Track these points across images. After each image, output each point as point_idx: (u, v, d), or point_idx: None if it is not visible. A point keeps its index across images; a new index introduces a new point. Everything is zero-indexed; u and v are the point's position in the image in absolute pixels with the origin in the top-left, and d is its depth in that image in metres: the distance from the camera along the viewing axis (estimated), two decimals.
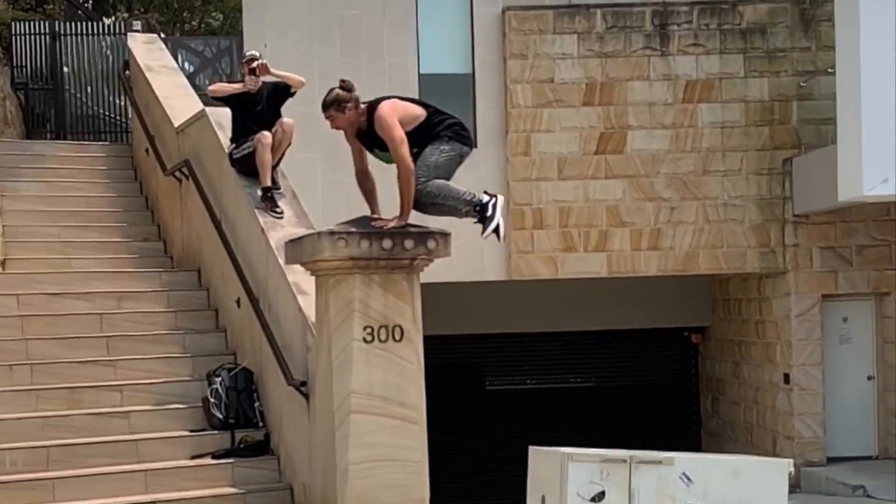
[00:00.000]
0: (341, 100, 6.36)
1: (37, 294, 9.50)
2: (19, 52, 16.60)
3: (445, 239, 6.25)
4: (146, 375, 8.75)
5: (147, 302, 9.68)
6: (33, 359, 8.69)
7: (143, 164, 12.15)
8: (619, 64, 13.74)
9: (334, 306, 6.16)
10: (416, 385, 6.26)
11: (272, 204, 8.49)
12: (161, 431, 8.21)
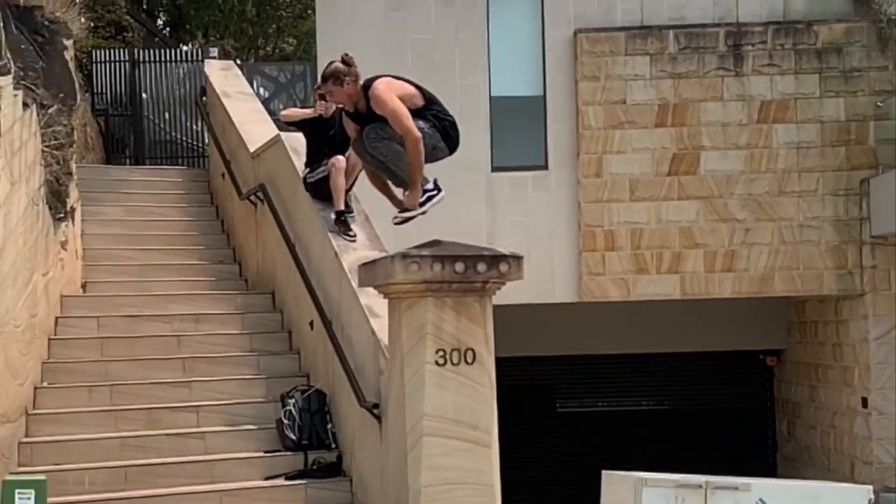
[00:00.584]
0: (340, 73, 6.27)
1: (116, 316, 9.69)
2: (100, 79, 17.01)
3: (518, 262, 6.24)
4: (221, 397, 8.86)
5: (223, 324, 9.82)
6: (112, 380, 8.85)
7: (220, 188, 12.35)
8: (692, 85, 13.65)
9: (407, 329, 6.18)
10: (489, 408, 6.24)
11: (345, 227, 8.57)
12: (236, 452, 8.29)
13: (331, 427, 8.42)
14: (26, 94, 8.09)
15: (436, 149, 6.44)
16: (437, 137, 6.38)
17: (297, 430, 8.35)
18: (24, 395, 8.15)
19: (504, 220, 13.60)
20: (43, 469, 7.37)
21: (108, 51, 17.24)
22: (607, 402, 16.32)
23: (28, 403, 8.33)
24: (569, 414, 16.33)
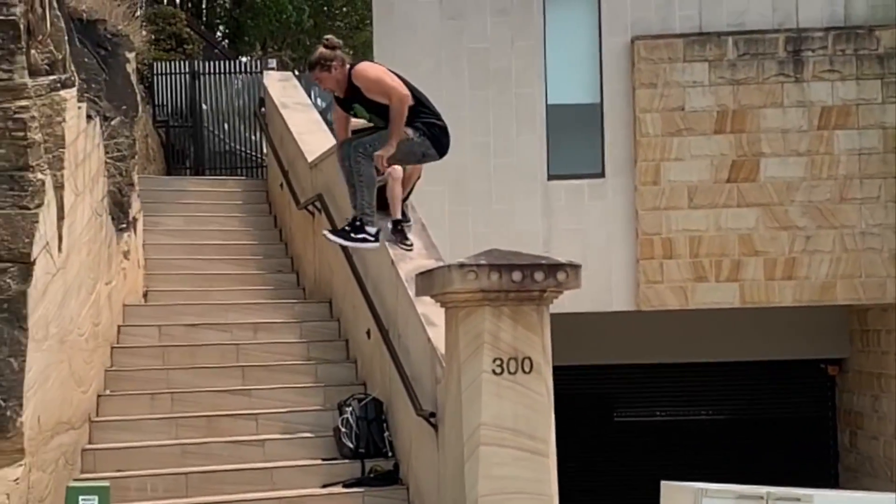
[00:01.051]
0: (325, 58, 6.23)
1: (177, 325, 9.81)
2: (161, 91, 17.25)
3: (576, 271, 6.22)
4: (280, 404, 8.93)
5: (281, 333, 9.90)
6: (173, 387, 8.95)
7: (278, 198, 12.46)
8: (752, 91, 13.53)
9: (464, 338, 6.18)
10: (546, 417, 6.21)
11: (402, 236, 8.60)
12: (294, 460, 8.34)
13: (387, 435, 8.44)
14: (90, 106, 8.23)
15: (425, 156, 6.46)
16: (426, 145, 6.38)
17: (354, 439, 8.39)
18: (87, 402, 8.27)
19: (560, 228, 13.57)
20: (106, 475, 7.47)
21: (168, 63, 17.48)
22: (665, 412, 16.17)
23: (91, 411, 8.45)
24: (626, 424, 16.21)
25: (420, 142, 6.31)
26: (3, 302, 6.18)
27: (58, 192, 6.86)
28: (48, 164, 6.62)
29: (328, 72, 6.19)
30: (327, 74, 6.20)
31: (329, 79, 6.22)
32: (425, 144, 6.33)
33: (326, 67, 6.19)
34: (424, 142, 6.32)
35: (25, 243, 6.30)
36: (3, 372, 6.12)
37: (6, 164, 6.37)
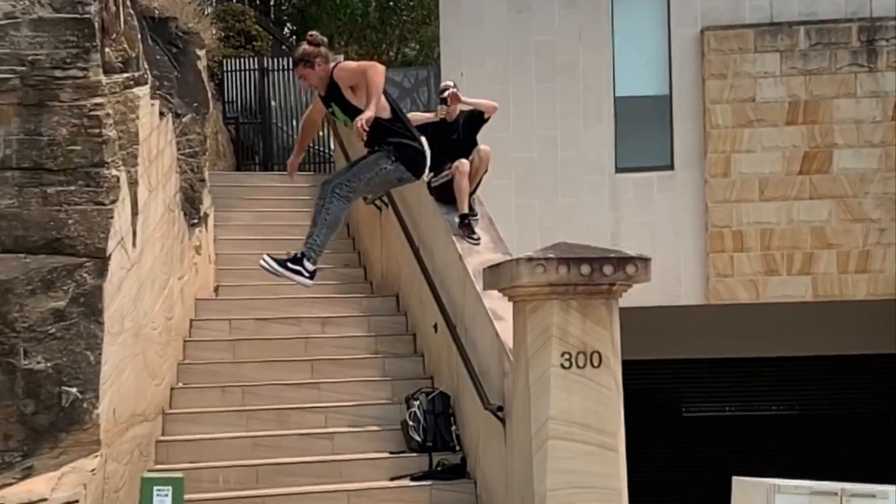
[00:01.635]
0: (308, 55, 6.14)
1: (247, 319, 9.93)
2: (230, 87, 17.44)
3: (645, 264, 6.16)
4: (348, 398, 8.99)
5: (348, 327, 9.97)
6: (244, 381, 9.07)
7: None
8: (824, 81, 13.29)
9: (532, 332, 6.16)
10: (615, 412, 6.17)
11: (469, 230, 8.60)
12: (362, 453, 8.40)
13: (455, 429, 8.45)
14: (162, 103, 8.36)
15: (401, 180, 6.38)
16: (400, 170, 6.28)
17: (421, 432, 8.42)
18: (161, 395, 8.42)
19: (628, 221, 13.47)
20: (179, 467, 7.59)
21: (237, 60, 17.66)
22: (735, 407, 16.00)
23: (165, 403, 8.60)
24: (695, 419, 16.06)
25: (393, 168, 6.23)
26: (80, 296, 6.31)
27: (132, 188, 6.99)
28: (123, 160, 6.75)
29: (311, 68, 6.12)
30: (310, 71, 6.13)
31: (312, 75, 6.15)
32: (399, 170, 6.25)
33: (310, 64, 6.12)
34: (398, 167, 6.24)
35: (101, 238, 6.43)
36: (80, 365, 6.26)
37: (82, 161, 6.50)
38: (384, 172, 6.16)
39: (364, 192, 6.28)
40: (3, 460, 6.12)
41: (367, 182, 6.20)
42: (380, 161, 6.15)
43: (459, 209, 8.66)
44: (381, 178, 6.21)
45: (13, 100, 6.48)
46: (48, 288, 6.27)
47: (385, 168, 6.14)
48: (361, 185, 6.18)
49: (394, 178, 6.26)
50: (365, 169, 6.16)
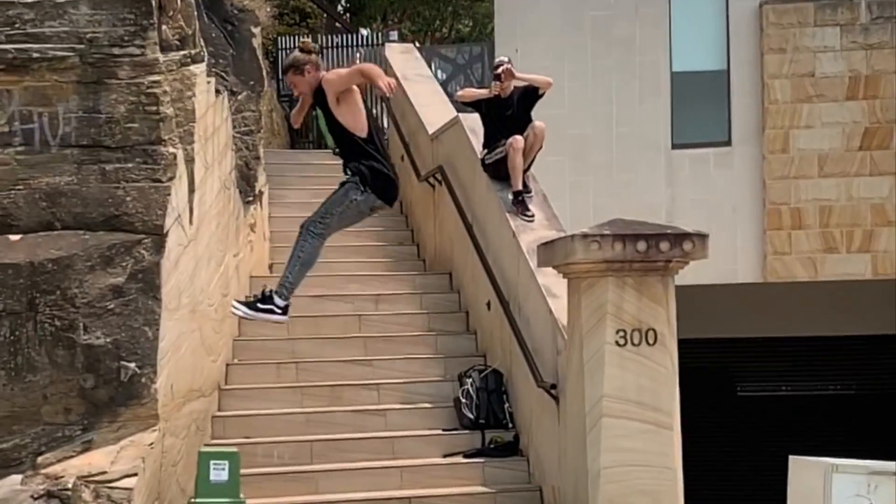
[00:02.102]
0: (299, 62, 6.08)
1: (301, 296, 9.96)
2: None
3: (703, 240, 6.09)
4: (401, 375, 9.02)
5: (402, 304, 9.99)
6: (298, 357, 9.13)
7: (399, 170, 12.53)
8: (886, 56, 13.02)
9: (586, 309, 6.13)
10: (670, 390, 6.13)
11: (523, 207, 8.56)
12: (415, 430, 8.43)
13: (508, 407, 8.45)
14: (218, 81, 8.41)
15: (374, 209, 6.29)
16: (371, 199, 6.18)
17: (474, 409, 8.42)
18: (217, 371, 8.50)
19: (684, 198, 13.34)
20: (234, 442, 7.67)
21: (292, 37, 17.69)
22: (791, 387, 15.82)
23: (221, 379, 8.69)
24: (750, 398, 15.90)
25: (363, 199, 6.16)
26: (138, 272, 6.39)
27: (189, 165, 7.05)
28: (179, 137, 6.81)
29: (301, 75, 6.08)
30: (301, 78, 6.09)
31: (302, 82, 6.11)
32: (370, 199, 6.17)
33: (300, 71, 6.08)
34: (368, 197, 6.16)
35: (158, 215, 6.50)
36: (138, 340, 6.34)
37: (140, 139, 6.57)
38: (355, 204, 6.13)
39: (338, 227, 6.29)
40: (63, 434, 6.23)
41: (339, 216, 6.19)
42: (349, 194, 6.12)
43: (513, 186, 8.61)
44: (353, 209, 6.18)
45: (72, 77, 6.57)
46: (107, 264, 6.35)
47: (355, 200, 6.11)
48: (334, 220, 6.18)
49: (365, 208, 6.22)
50: (336, 204, 6.15)
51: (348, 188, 6.10)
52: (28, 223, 6.46)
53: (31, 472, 6.06)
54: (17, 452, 6.17)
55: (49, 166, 6.49)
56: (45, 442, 6.21)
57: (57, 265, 6.28)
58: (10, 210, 6.45)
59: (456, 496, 7.71)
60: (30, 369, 6.19)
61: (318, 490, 7.70)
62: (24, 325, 6.20)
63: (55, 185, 6.48)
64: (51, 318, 6.24)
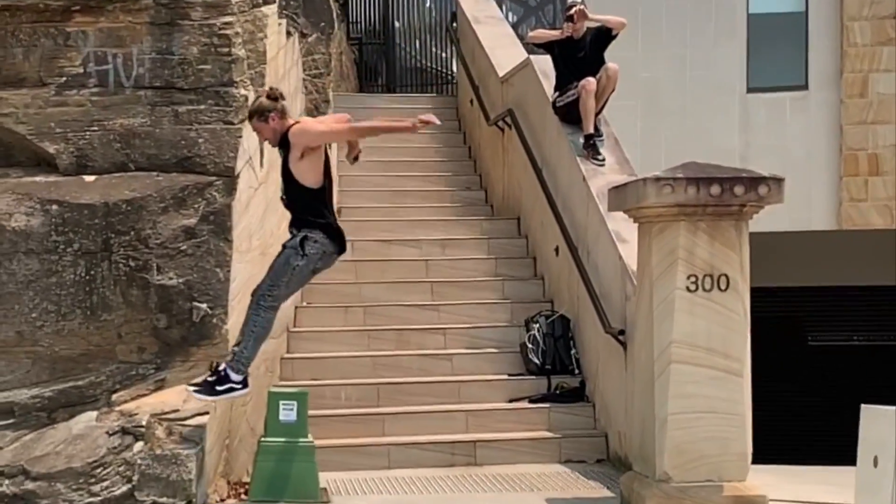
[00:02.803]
0: (263, 109, 5.94)
1: (369, 240, 10.03)
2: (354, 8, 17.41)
3: (778, 185, 5.96)
4: (467, 320, 9.04)
5: (469, 249, 9.99)
6: (366, 301, 9.20)
7: (467, 114, 12.47)
8: None
9: (657, 254, 6.05)
10: (741, 336, 6.05)
11: (594, 151, 8.46)
12: (481, 374, 8.47)
13: (574, 353, 8.43)
14: (289, 23, 8.40)
15: (315, 271, 6.11)
16: (314, 260, 6.00)
17: (540, 355, 8.42)
18: (286, 313, 8.59)
19: (758, 144, 13.09)
20: (302, 383, 7.76)
21: None
22: (864, 337, 15.55)
23: (289, 321, 8.79)
24: (821, 348, 15.67)
25: (305, 263, 5.97)
26: (210, 214, 6.45)
27: None
28: (251, 79, 6.82)
29: (266, 122, 5.95)
30: (265, 125, 5.97)
31: (266, 129, 5.98)
32: (312, 261, 5.99)
33: (264, 118, 5.95)
34: (310, 260, 5.97)
35: (230, 157, 6.54)
36: (209, 281, 6.42)
37: (212, 80, 6.59)
38: (298, 270, 5.98)
39: (288, 294, 6.15)
40: (137, 372, 6.35)
41: (286, 285, 6.03)
42: (290, 261, 5.96)
43: (584, 129, 8.51)
44: (298, 275, 6.03)
45: (145, 19, 6.60)
46: (180, 206, 6.42)
47: (297, 265, 5.97)
48: (282, 290, 6.03)
49: (308, 270, 6.06)
50: (280, 274, 6.00)
51: (288, 256, 5.95)
52: (103, 164, 6.54)
53: (106, 409, 6.19)
54: (92, 390, 6.30)
55: (123, 108, 6.55)
56: (120, 380, 6.33)
57: (131, 206, 6.36)
58: (86, 151, 6.53)
59: (521, 441, 7.76)
60: (105, 308, 6.30)
61: (384, 432, 7.79)
62: (98, 265, 6.30)
63: (129, 127, 6.54)
64: (125, 258, 6.33)
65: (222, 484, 6.52)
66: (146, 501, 5.74)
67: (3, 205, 6.33)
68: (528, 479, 7.20)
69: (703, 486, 5.96)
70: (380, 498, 6.72)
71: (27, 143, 6.56)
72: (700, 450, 5.99)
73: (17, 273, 6.28)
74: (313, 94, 9.51)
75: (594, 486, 7.04)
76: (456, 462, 7.58)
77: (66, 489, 5.72)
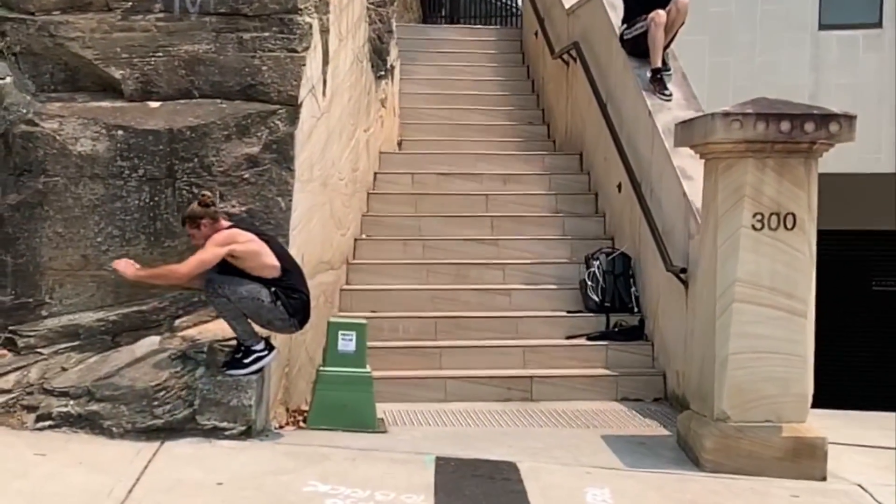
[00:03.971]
0: (195, 216, 5.91)
1: (429, 174, 10.01)
2: None
3: (850, 122, 5.80)
4: (526, 256, 9.02)
5: (530, 184, 9.93)
6: (425, 235, 9.20)
7: (532, 47, 12.32)
8: None
9: (723, 191, 5.94)
10: (806, 277, 5.93)
11: (661, 86, 8.31)
12: (539, 310, 8.45)
13: (634, 291, 8.38)
14: None
15: (270, 323, 5.95)
16: (277, 312, 5.88)
17: (599, 292, 8.38)
18: (345, 245, 8.63)
19: (828, 82, 12.77)
20: (361, 315, 7.80)
21: None
22: None
23: (349, 253, 8.82)
24: (885, 293, 15.40)
25: (270, 307, 5.88)
26: (272, 143, 6.45)
27: (323, 35, 7.01)
28: (315, 7, 6.75)
29: (198, 229, 5.92)
30: (197, 231, 5.93)
31: (198, 235, 5.95)
32: (276, 311, 5.89)
33: (196, 225, 5.92)
34: (275, 308, 5.88)
35: (293, 86, 6.51)
36: (271, 210, 6.43)
37: (276, 7, 6.55)
38: (258, 301, 5.88)
39: (234, 307, 5.91)
40: (199, 299, 6.40)
41: (240, 296, 5.86)
42: (262, 296, 5.88)
43: (652, 63, 8.35)
44: (253, 303, 5.88)
45: None
46: (243, 134, 6.42)
47: (261, 300, 5.87)
48: (236, 296, 5.87)
49: (265, 316, 5.92)
50: (241, 283, 5.89)
51: (261, 287, 5.88)
52: (167, 90, 6.55)
53: (169, 335, 6.26)
54: (155, 315, 6.38)
55: (188, 34, 6.53)
56: (182, 306, 6.39)
57: (195, 133, 6.37)
58: (151, 77, 6.55)
59: (578, 377, 7.76)
60: (168, 234, 6.35)
61: (442, 365, 7.83)
62: (163, 191, 6.34)
63: (194, 53, 6.53)
64: (188, 185, 6.37)
65: (281, 411, 6.61)
66: (207, 425, 5.82)
67: (70, 129, 6.38)
68: (584, 415, 7.21)
69: (761, 427, 5.90)
70: (436, 430, 6.77)
71: (93, 68, 6.58)
72: (760, 390, 5.93)
73: (83, 197, 6.35)
74: (376, 23, 9.43)
75: (650, 424, 7.03)
76: (512, 397, 7.61)
77: (130, 411, 5.81)
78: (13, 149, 6.38)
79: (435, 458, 5.76)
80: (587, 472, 5.72)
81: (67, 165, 6.35)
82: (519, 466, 5.70)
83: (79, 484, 5.08)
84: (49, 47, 6.59)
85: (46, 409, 5.89)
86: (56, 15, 6.58)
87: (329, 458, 5.69)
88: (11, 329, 6.34)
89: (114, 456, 5.48)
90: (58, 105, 6.51)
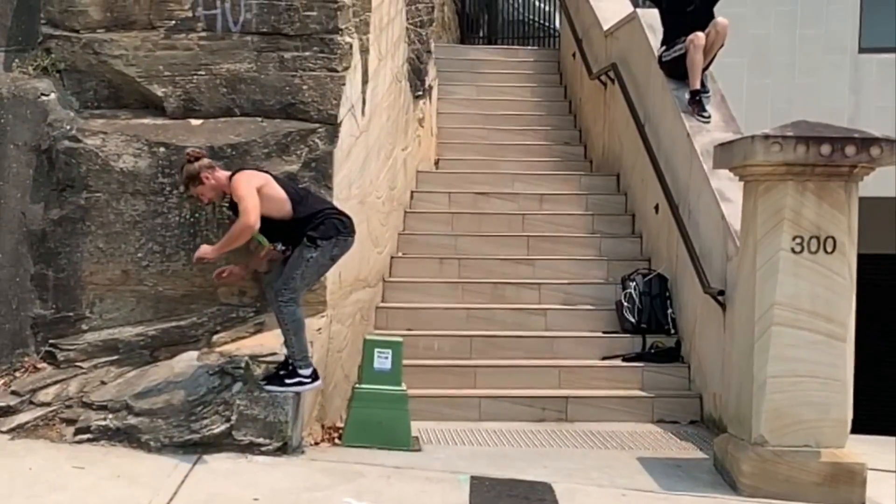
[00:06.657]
0: (192, 173, 5.86)
1: (466, 193, 10.03)
2: None
3: (891, 146, 5.76)
4: (562, 276, 9.00)
5: (566, 204, 9.92)
6: (461, 254, 9.22)
7: (569, 68, 12.34)
8: None
9: (762, 214, 5.92)
10: (846, 301, 5.88)
11: (700, 108, 8.29)
12: (574, 331, 8.43)
13: (671, 312, 8.34)
14: None
15: (334, 258, 5.96)
16: (328, 249, 5.89)
17: (636, 314, 8.35)
18: (382, 262, 8.66)
19: (869, 105, 12.66)
20: (397, 332, 7.82)
21: None
22: None
23: (385, 271, 8.85)
24: None
25: (319, 254, 5.87)
26: (312, 161, 6.50)
27: (363, 55, 7.06)
28: (356, 27, 6.81)
29: (201, 184, 5.88)
30: (202, 187, 5.89)
31: (206, 190, 5.90)
32: (326, 250, 5.90)
33: (198, 180, 5.89)
34: (324, 250, 5.89)
35: (333, 105, 6.56)
36: None
37: (317, 27, 6.60)
38: (312, 261, 5.90)
39: (305, 286, 6.00)
40: (237, 315, 6.46)
41: (301, 277, 5.90)
42: (303, 253, 5.89)
43: (691, 85, 8.34)
44: (313, 267, 5.93)
45: None
46: (283, 152, 6.47)
47: (312, 257, 5.89)
48: (297, 282, 5.91)
49: (326, 260, 5.97)
50: (294, 267, 5.91)
51: (301, 248, 5.90)
52: (208, 108, 6.62)
53: (207, 350, 6.31)
54: (194, 330, 6.43)
55: (230, 53, 6.60)
56: (221, 321, 6.45)
57: (235, 150, 6.43)
58: (193, 95, 6.62)
59: (613, 398, 7.72)
60: None
61: (476, 385, 7.82)
62: (203, 208, 6.39)
63: (235, 72, 6.60)
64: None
65: (317, 428, 6.63)
66: (243, 441, 5.85)
67: (112, 145, 6.47)
68: (620, 436, 7.17)
69: (799, 451, 5.85)
70: (470, 449, 6.76)
71: (136, 86, 6.67)
72: (798, 414, 5.88)
73: (125, 213, 6.43)
74: (416, 43, 9.49)
75: (686, 447, 6.98)
76: (547, 417, 7.59)
77: (168, 425, 5.86)
78: (56, 164, 6.48)
79: (470, 477, 5.76)
80: (623, 495, 5.69)
81: (109, 181, 6.43)
82: (554, 487, 5.68)
83: (117, 497, 5.12)
84: (93, 64, 6.69)
85: (85, 422, 5.95)
86: (100, 33, 6.68)
87: (364, 476, 5.70)
88: (52, 343, 6.42)
89: (151, 469, 5.52)
90: (101, 122, 6.60)
